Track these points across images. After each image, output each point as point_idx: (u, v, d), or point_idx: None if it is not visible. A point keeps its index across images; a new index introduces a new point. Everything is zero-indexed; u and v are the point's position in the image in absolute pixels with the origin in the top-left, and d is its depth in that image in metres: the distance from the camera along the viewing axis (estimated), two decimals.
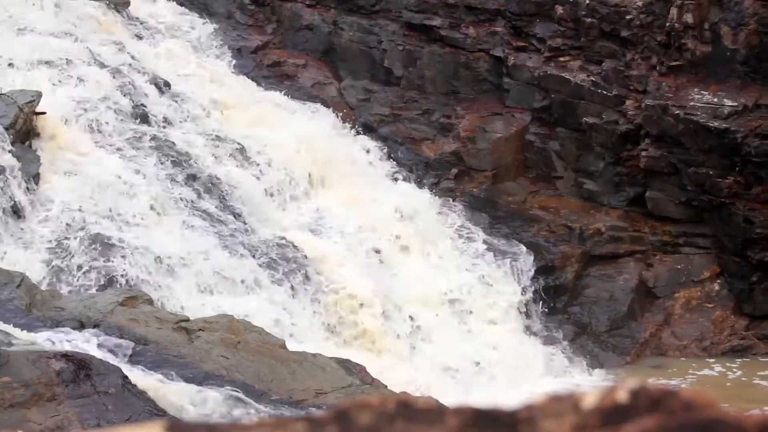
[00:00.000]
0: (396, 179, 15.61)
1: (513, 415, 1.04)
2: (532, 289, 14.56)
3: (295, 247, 13.23)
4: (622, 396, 0.99)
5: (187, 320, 8.91)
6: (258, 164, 14.40)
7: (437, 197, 15.40)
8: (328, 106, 16.31)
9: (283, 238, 13.39)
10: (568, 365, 13.89)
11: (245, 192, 13.84)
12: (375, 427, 1.10)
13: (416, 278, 13.93)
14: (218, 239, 12.67)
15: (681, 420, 0.94)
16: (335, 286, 12.99)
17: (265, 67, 16.92)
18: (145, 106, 14.32)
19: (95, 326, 8.32)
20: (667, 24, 15.00)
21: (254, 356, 8.35)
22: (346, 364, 8.83)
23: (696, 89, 14.80)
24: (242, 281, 12.32)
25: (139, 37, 15.99)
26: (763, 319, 14.61)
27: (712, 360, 14.15)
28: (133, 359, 8.00)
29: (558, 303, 14.71)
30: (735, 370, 13.79)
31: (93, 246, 11.76)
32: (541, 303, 14.57)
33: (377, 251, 13.96)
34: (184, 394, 7.59)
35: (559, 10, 15.87)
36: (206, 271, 12.17)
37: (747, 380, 13.51)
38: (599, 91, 15.54)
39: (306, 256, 13.14)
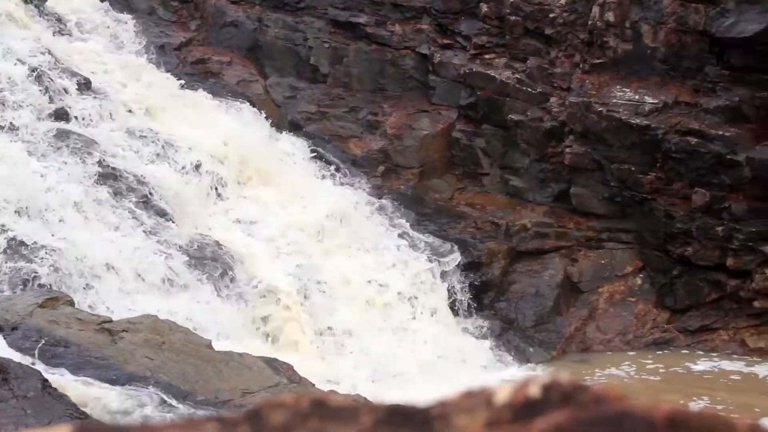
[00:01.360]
0: (323, 177, 15.56)
1: (426, 411, 1.03)
2: (459, 285, 14.66)
3: (220, 245, 13.10)
4: (534, 391, 0.98)
5: (110, 321, 8.75)
6: (183, 163, 14.21)
7: (364, 195, 15.40)
8: (253, 104, 16.17)
9: (209, 236, 13.24)
10: (495, 361, 14.01)
11: (170, 191, 13.64)
12: (288, 426, 1.08)
13: (343, 276, 13.91)
14: (143, 238, 12.47)
15: (592, 413, 0.93)
16: (262, 284, 12.89)
17: (188, 65, 16.71)
18: (65, 104, 14.01)
19: (13, 329, 8.10)
20: (590, 22, 15.23)
21: (179, 356, 8.23)
22: (273, 363, 8.77)
23: (618, 86, 15.04)
24: (167, 280, 12.15)
25: (58, 33, 15.63)
26: (683, 312, 14.92)
27: (634, 353, 14.41)
28: (54, 362, 7.82)
29: (485, 299, 14.83)
30: (656, 362, 14.06)
31: (11, 247, 11.48)
32: (468, 299, 14.67)
33: (304, 249, 13.90)
34: (106, 396, 7.44)
35: (484, 8, 15.99)
36: (130, 271, 11.96)
37: (671, 372, 13.78)
38: (524, 88, 15.70)
39: (232, 255, 13.02)
